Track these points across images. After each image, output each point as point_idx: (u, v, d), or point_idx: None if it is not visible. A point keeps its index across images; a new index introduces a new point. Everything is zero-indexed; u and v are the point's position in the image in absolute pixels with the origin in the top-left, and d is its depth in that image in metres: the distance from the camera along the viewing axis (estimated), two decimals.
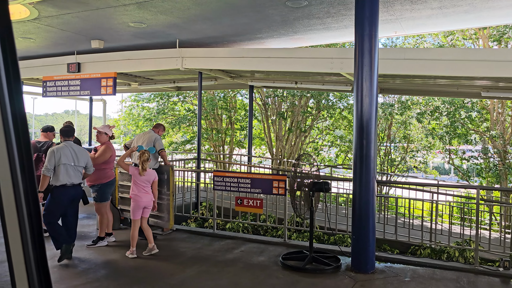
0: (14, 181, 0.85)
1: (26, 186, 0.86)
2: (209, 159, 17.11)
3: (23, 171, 0.85)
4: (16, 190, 0.85)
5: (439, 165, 32.74)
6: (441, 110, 15.72)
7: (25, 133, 0.85)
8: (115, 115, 65.04)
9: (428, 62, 7.15)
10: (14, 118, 0.83)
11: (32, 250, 0.88)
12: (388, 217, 8.97)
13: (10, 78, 0.82)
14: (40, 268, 0.89)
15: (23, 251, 0.87)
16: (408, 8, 6.95)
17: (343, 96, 16.79)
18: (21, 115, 0.84)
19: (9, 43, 0.81)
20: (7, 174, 0.84)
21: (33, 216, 0.87)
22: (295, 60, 8.24)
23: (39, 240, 0.88)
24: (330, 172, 14.13)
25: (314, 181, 5.45)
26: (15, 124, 0.83)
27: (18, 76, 0.83)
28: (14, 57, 0.82)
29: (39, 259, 0.89)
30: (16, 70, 0.82)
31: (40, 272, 0.89)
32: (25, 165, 0.86)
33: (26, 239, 0.87)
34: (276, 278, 4.90)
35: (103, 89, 10.02)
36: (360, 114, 5.11)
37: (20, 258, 0.87)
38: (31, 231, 0.87)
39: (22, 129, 0.84)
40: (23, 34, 9.09)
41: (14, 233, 0.86)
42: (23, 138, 0.85)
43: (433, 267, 5.36)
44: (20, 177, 0.85)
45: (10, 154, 0.84)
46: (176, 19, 7.82)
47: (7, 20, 0.81)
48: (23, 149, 0.85)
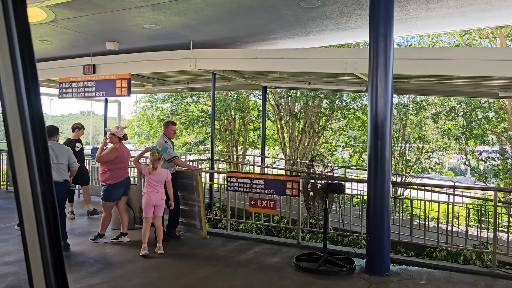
0: (32, 183, 0.85)
1: (44, 188, 0.87)
2: (223, 159, 17.16)
3: (41, 173, 0.86)
4: (34, 192, 0.85)
5: (455, 166, 32.28)
6: (457, 110, 15.49)
7: (42, 135, 0.85)
8: (130, 116, 65.68)
9: (444, 61, 7.05)
10: (32, 119, 0.83)
11: (49, 252, 0.88)
12: (403, 218, 8.86)
13: (28, 80, 0.83)
14: (58, 269, 0.89)
15: (40, 252, 0.87)
16: (424, 7, 6.86)
17: (357, 97, 16.67)
18: (39, 116, 0.84)
19: (27, 45, 0.82)
20: (25, 176, 0.85)
21: (51, 218, 0.88)
22: (309, 60, 8.21)
23: (56, 241, 0.88)
24: (344, 173, 14.03)
25: (328, 182, 5.42)
26: (32, 126, 0.83)
27: (36, 78, 0.83)
28: (32, 60, 0.82)
29: (57, 261, 0.89)
30: (34, 72, 0.83)
31: (57, 274, 0.89)
32: (43, 167, 0.86)
33: (44, 241, 0.87)
34: (290, 279, 4.87)
35: (117, 90, 10.12)
36: (375, 114, 5.06)
37: (38, 260, 0.87)
38: (48, 232, 0.87)
39: (39, 131, 0.85)
40: (40, 36, 9.24)
41: (32, 235, 0.87)
42: (40, 140, 0.85)
43: (450, 270, 5.27)
44: (38, 180, 0.86)
45: (28, 156, 0.84)
46: (190, 21, 7.85)
47: (25, 23, 0.81)
48: (40, 151, 0.85)
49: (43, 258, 0.87)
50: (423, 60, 7.12)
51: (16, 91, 0.82)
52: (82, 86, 10.65)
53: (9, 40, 0.80)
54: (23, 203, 0.86)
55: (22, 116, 0.82)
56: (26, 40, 0.81)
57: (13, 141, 0.84)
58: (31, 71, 0.83)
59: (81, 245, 6.13)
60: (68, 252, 5.77)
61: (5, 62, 0.81)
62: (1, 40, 0.80)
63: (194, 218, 6.63)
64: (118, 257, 5.62)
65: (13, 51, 0.81)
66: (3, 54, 0.81)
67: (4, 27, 0.79)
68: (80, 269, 5.10)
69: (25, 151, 0.83)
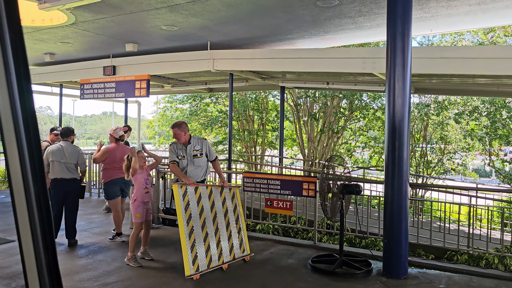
0: (25, 183, 0.85)
1: (38, 187, 0.87)
2: (241, 160, 17.18)
3: (34, 172, 0.86)
4: (27, 191, 0.86)
5: (479, 167, 31.50)
6: (480, 110, 15.10)
7: (35, 134, 0.85)
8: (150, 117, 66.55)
9: (466, 60, 6.88)
10: (25, 119, 0.83)
11: (43, 251, 0.88)
12: (423, 221, 8.68)
13: (21, 79, 0.83)
14: (52, 269, 0.89)
15: (34, 251, 0.87)
16: (444, 5, 6.71)
17: (377, 97, 16.44)
18: (32, 115, 0.84)
19: (19, 44, 0.82)
20: (19, 177, 0.85)
21: (45, 217, 0.88)
22: (327, 60, 8.14)
23: (50, 241, 0.88)
24: (363, 174, 13.86)
25: (345, 183, 5.35)
26: (25, 125, 0.84)
27: (28, 77, 0.83)
28: (24, 58, 0.82)
29: (51, 260, 0.89)
30: (26, 71, 0.83)
31: (51, 274, 0.89)
32: (36, 166, 0.86)
33: (38, 240, 0.87)
34: (305, 281, 4.83)
35: (137, 91, 10.25)
36: (392, 115, 4.97)
37: (32, 261, 0.87)
38: (42, 232, 0.87)
39: (32, 130, 0.85)
40: (61, 39, 9.44)
41: (26, 235, 0.87)
42: (33, 139, 0.85)
43: (470, 274, 5.13)
44: (31, 179, 0.86)
45: (21, 156, 0.84)
46: (207, 22, 7.89)
47: (17, 21, 0.81)
48: (33, 150, 0.85)
49: (36, 257, 0.87)
50: (444, 59, 6.97)
51: (9, 90, 0.82)
52: (103, 87, 10.84)
53: (1, 39, 0.80)
54: (17, 202, 0.86)
55: (15, 116, 0.83)
56: (18, 38, 0.82)
57: (7, 141, 0.84)
58: (23, 70, 0.83)
59: (101, 244, 6.23)
60: (87, 250, 5.87)
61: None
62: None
63: None
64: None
65: (4, 50, 0.81)
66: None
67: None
68: (98, 267, 5.17)
69: (17, 150, 0.84)
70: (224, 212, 5.40)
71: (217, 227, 5.19)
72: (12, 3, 0.80)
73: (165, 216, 7.51)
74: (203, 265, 4.82)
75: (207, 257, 4.91)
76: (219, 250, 5.13)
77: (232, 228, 5.45)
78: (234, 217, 5.56)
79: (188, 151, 5.59)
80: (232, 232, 5.44)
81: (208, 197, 5.22)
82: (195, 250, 4.78)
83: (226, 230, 5.35)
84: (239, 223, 5.59)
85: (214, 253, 5.04)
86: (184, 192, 4.90)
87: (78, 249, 5.98)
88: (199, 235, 4.90)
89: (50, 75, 11.78)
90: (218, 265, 5.02)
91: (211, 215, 5.17)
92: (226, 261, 5.18)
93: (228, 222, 5.43)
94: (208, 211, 5.14)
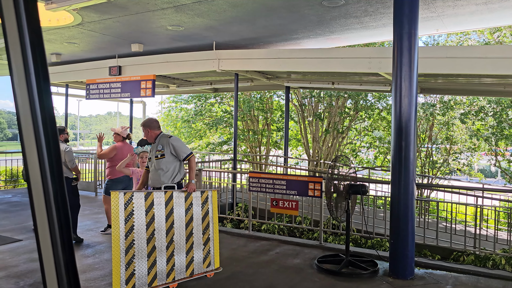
0: (44, 184, 0.86)
1: (56, 187, 0.88)
2: (246, 160, 17.19)
3: (53, 172, 0.87)
4: (46, 190, 0.87)
5: (485, 167, 31.33)
6: (486, 110, 15.03)
7: (54, 134, 0.86)
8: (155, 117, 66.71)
9: (473, 60, 6.85)
10: (44, 119, 0.84)
11: (61, 250, 0.89)
12: (429, 221, 8.65)
13: (40, 80, 0.84)
14: (69, 268, 0.90)
15: (52, 251, 0.88)
16: (451, 5, 6.69)
17: (382, 97, 16.39)
18: (50, 116, 0.85)
19: (38, 46, 0.83)
20: (37, 176, 0.86)
21: (62, 217, 0.89)
22: (332, 60, 8.13)
23: (68, 240, 0.89)
24: (368, 174, 13.83)
25: (351, 184, 5.34)
26: (44, 125, 0.85)
27: (48, 78, 0.84)
28: (44, 60, 0.83)
29: (68, 260, 0.90)
30: (45, 73, 0.84)
31: (69, 272, 0.90)
32: (54, 166, 0.87)
33: (56, 240, 0.88)
34: (311, 281, 4.83)
35: (142, 91, 10.29)
36: (398, 115, 4.96)
37: (50, 260, 0.88)
38: (60, 231, 0.88)
39: (51, 130, 0.86)
40: (68, 39, 9.48)
41: (44, 234, 0.88)
42: (52, 139, 0.86)
43: (477, 275, 5.11)
44: (50, 178, 0.87)
45: (40, 155, 0.85)
46: (213, 22, 7.90)
47: (36, 23, 0.82)
48: (52, 150, 0.86)
49: (55, 256, 0.88)
50: (450, 58, 6.95)
51: (28, 91, 0.83)
52: (108, 87, 10.88)
53: (21, 41, 0.81)
54: (35, 202, 0.88)
55: (34, 116, 0.84)
56: (37, 40, 0.83)
57: (26, 140, 0.85)
58: (42, 72, 0.84)
59: (107, 243, 6.25)
60: (94, 249, 5.90)
61: (17, 63, 0.82)
62: (13, 41, 0.81)
63: None
64: None
65: (24, 52, 0.82)
66: (15, 55, 0.82)
67: (16, 28, 0.80)
68: (104, 266, 5.19)
69: (37, 150, 0.85)
70: (187, 221, 4.71)
71: (171, 239, 4.52)
72: (32, 4, 0.81)
73: None
74: (141, 284, 4.21)
75: (149, 274, 4.29)
76: (170, 265, 4.49)
77: (195, 238, 4.75)
78: (203, 225, 4.83)
79: (152, 152, 4.98)
80: (195, 243, 4.74)
81: (164, 204, 4.52)
82: (132, 267, 4.16)
83: (186, 241, 4.67)
84: (208, 233, 4.87)
85: (162, 269, 4.40)
86: (127, 201, 4.22)
87: (84, 248, 6.01)
88: (142, 249, 4.26)
89: (56, 75, 11.85)
90: (165, 283, 4.41)
91: (165, 226, 4.49)
92: (178, 278, 4.54)
93: (191, 232, 4.71)
94: (161, 221, 4.46)
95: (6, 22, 0.81)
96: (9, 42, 0.82)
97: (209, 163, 13.10)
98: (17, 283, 4.58)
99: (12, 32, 0.81)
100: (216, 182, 9.95)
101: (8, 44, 0.82)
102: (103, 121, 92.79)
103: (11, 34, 0.81)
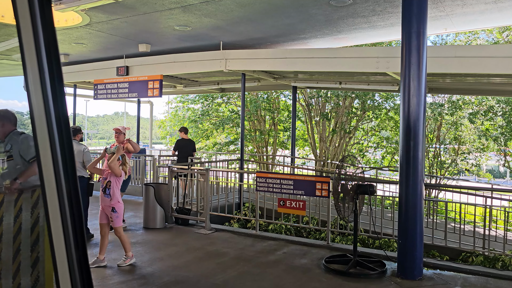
0: (58, 181, 0.87)
1: (69, 186, 0.88)
2: (252, 160, 17.20)
3: (66, 171, 0.88)
4: (59, 190, 0.87)
5: (494, 168, 31.06)
6: (495, 110, 14.90)
7: (67, 134, 0.87)
8: (162, 116, 66.93)
9: (481, 59, 6.80)
10: (58, 119, 0.85)
11: (74, 248, 0.90)
12: (438, 222, 8.60)
13: (54, 81, 0.85)
14: (82, 265, 0.91)
15: (65, 248, 0.89)
16: (460, 4, 6.64)
17: (390, 96, 16.32)
18: (64, 116, 0.86)
19: (53, 48, 0.84)
20: (51, 176, 0.87)
21: (76, 215, 0.90)
22: (340, 60, 8.11)
23: (81, 239, 0.90)
24: (375, 174, 13.77)
25: (359, 184, 5.32)
26: (58, 125, 0.85)
27: (61, 79, 0.85)
28: (58, 62, 0.84)
29: (81, 257, 0.91)
30: (59, 74, 0.85)
31: (82, 270, 0.91)
32: (68, 165, 0.88)
33: (69, 238, 0.89)
34: (318, 281, 4.82)
35: (150, 91, 10.33)
36: (407, 114, 4.93)
37: (63, 257, 0.89)
38: (73, 230, 0.89)
39: (65, 130, 0.86)
40: (76, 39, 9.55)
41: (57, 232, 0.89)
42: (65, 139, 0.87)
43: (487, 276, 5.06)
44: (63, 177, 0.88)
45: (54, 155, 0.86)
46: (220, 22, 7.91)
47: (51, 25, 0.83)
48: (66, 150, 0.87)
49: (68, 254, 0.89)
50: (459, 58, 6.90)
51: (43, 92, 0.84)
52: (116, 87, 10.94)
53: (36, 42, 0.82)
54: (49, 200, 0.88)
55: (48, 116, 0.84)
56: (52, 42, 0.83)
57: (40, 140, 0.86)
58: (56, 73, 0.85)
59: (115, 242, 6.29)
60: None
61: (32, 65, 0.83)
62: (28, 43, 0.82)
63: None
64: (148, 255, 5.73)
65: (39, 54, 0.83)
66: (30, 57, 0.83)
67: (30, 30, 0.81)
68: (112, 265, 5.22)
69: (50, 150, 0.86)
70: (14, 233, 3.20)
71: None
72: (47, 6, 0.82)
73: (178, 215, 7.55)
74: None
75: None
76: None
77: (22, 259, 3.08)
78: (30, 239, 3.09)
79: None
80: (22, 265, 3.02)
81: None
82: None
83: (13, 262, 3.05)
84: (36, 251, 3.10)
85: None
86: None
87: (93, 247, 6.05)
88: None
89: (64, 76, 11.87)
90: None
91: None
92: None
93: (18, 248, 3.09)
94: None
95: (21, 23, 0.82)
96: (24, 43, 0.83)
97: (216, 163, 13.11)
98: None
99: (27, 34, 0.81)
100: (223, 182, 9.97)
101: (22, 45, 0.83)
102: (110, 121, 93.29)
103: (26, 35, 0.82)
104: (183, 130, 10.09)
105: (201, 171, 8.20)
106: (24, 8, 0.81)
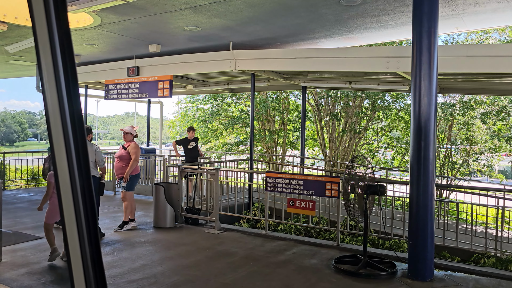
0: (72, 180, 0.88)
1: (83, 184, 0.90)
2: (262, 160, 17.20)
3: (80, 171, 0.89)
4: (74, 188, 0.89)
5: (506, 168, 30.66)
6: (508, 110, 14.71)
7: (82, 134, 0.88)
8: (171, 117, 67.29)
9: (494, 58, 6.72)
10: (72, 119, 0.87)
11: (88, 246, 0.91)
12: (449, 223, 8.52)
13: (69, 81, 0.86)
14: (96, 263, 0.92)
15: (80, 246, 0.90)
16: (472, 2, 6.57)
17: (400, 96, 16.20)
18: (78, 116, 0.87)
19: (67, 48, 0.85)
20: (66, 174, 0.88)
21: (90, 214, 0.91)
22: (349, 60, 8.07)
23: (94, 236, 0.91)
24: (385, 175, 13.68)
25: (369, 184, 5.30)
26: (73, 125, 0.87)
27: (76, 79, 0.86)
28: (72, 62, 0.85)
29: (95, 255, 0.92)
30: (74, 74, 0.86)
31: (95, 268, 0.92)
32: (82, 165, 0.89)
33: (83, 236, 0.90)
34: (328, 282, 4.81)
35: (160, 92, 10.39)
36: (418, 114, 4.90)
37: (77, 254, 0.90)
38: (87, 228, 0.90)
39: (79, 130, 0.88)
40: (87, 40, 9.64)
41: (72, 230, 0.90)
42: (80, 138, 0.88)
43: (499, 278, 5.00)
44: (78, 176, 0.89)
45: (68, 154, 0.87)
46: (230, 22, 7.93)
47: (66, 25, 0.84)
48: (80, 149, 0.88)
49: (82, 252, 0.90)
50: (471, 57, 6.83)
51: (58, 92, 0.85)
52: (126, 87, 11.02)
53: (51, 42, 0.83)
54: (63, 199, 0.90)
55: (63, 116, 0.86)
56: (66, 42, 0.85)
57: (55, 139, 0.87)
58: (71, 73, 0.86)
59: (125, 241, 6.34)
60: (112, 247, 5.99)
61: (47, 64, 0.84)
62: (43, 43, 0.83)
63: None
64: (158, 254, 5.76)
65: (54, 54, 0.84)
66: (45, 57, 0.84)
67: (46, 30, 0.83)
68: (123, 264, 5.27)
69: (65, 149, 0.87)
70: None
71: None
72: (62, 7, 0.83)
73: (188, 215, 7.59)
74: None
75: None
76: None
77: None
78: None
79: None
80: None
81: None
82: None
83: None
84: None
85: None
86: None
87: (103, 246, 6.10)
88: None
89: None
90: None
91: None
92: None
93: None
94: None
95: (37, 24, 0.83)
96: (39, 44, 0.84)
97: (226, 163, 13.13)
98: (39, 279, 4.67)
99: (42, 34, 0.83)
100: (232, 181, 9.99)
101: (38, 45, 0.85)
102: (120, 121, 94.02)
103: (42, 36, 0.83)
104: (190, 130, 10.38)
105: (211, 171, 8.23)
106: (40, 9, 0.83)
